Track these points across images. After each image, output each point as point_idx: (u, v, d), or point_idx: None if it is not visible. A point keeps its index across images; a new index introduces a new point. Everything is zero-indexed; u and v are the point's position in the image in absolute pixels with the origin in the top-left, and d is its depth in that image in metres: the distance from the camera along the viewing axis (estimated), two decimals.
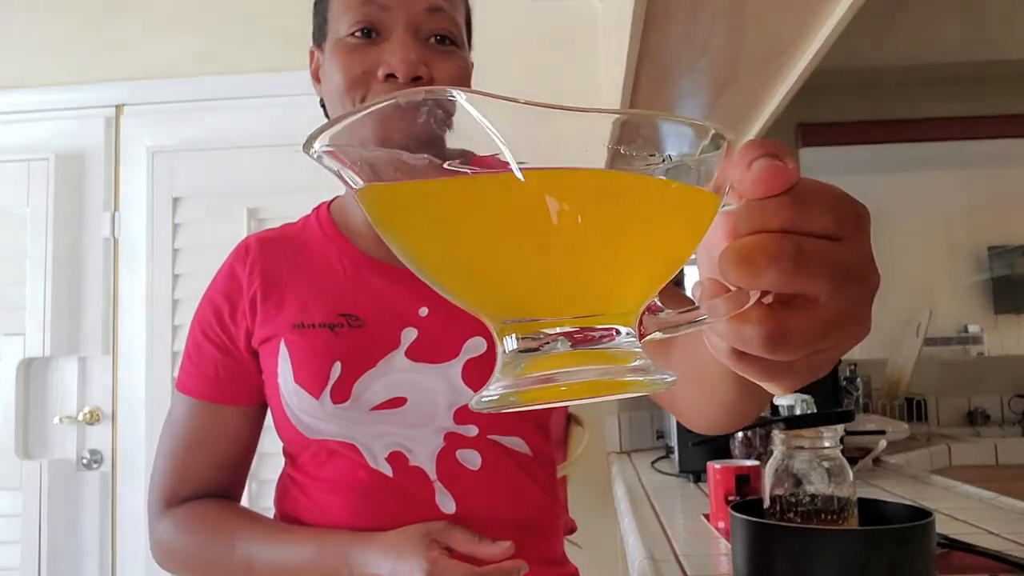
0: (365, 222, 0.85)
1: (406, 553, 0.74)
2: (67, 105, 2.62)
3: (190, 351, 0.87)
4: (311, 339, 0.82)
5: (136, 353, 2.49)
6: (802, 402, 1.38)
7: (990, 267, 3.32)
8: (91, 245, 2.56)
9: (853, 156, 3.16)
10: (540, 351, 0.31)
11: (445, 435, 0.83)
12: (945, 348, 3.24)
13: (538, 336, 0.32)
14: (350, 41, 0.78)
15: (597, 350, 0.32)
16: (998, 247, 3.33)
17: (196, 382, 0.87)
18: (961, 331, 3.29)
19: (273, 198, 2.46)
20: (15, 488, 2.43)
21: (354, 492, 0.82)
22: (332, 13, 0.81)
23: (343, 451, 0.82)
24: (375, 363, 0.80)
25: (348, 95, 0.78)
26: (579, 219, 0.29)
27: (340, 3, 0.80)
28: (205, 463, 0.88)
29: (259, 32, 2.59)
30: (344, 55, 0.78)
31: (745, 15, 1.24)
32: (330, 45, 0.80)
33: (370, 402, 0.80)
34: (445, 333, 0.82)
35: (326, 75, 0.81)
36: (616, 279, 0.32)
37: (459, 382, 0.82)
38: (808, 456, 0.80)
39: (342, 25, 0.79)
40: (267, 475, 2.30)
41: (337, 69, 0.78)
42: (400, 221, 0.33)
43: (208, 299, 0.88)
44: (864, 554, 0.70)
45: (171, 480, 0.87)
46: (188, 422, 0.87)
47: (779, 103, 1.56)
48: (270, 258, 0.87)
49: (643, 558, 1.05)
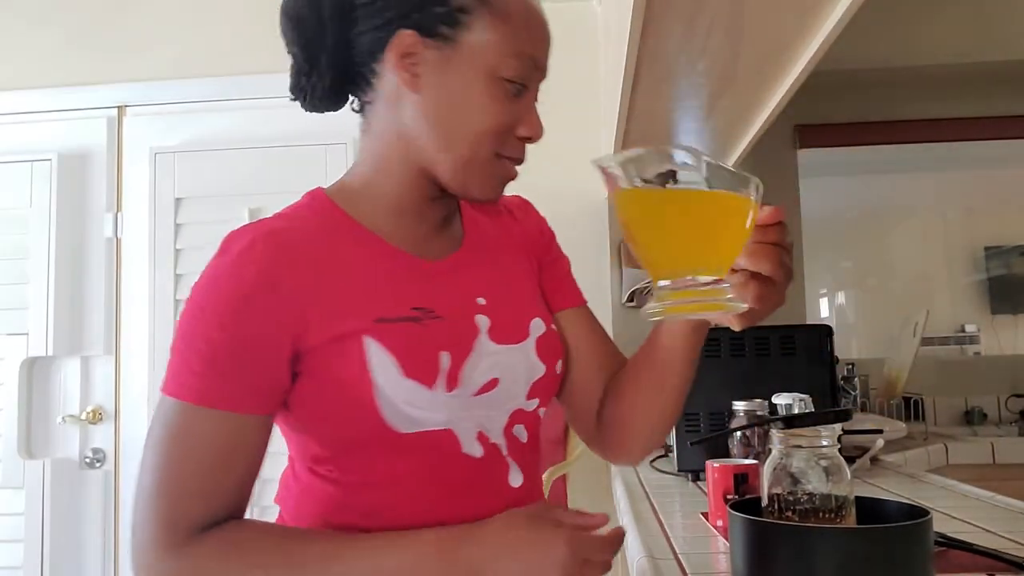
0: (391, 216, 0.83)
1: (532, 542, 0.70)
2: (70, 106, 2.63)
3: (207, 357, 0.73)
4: (405, 332, 0.77)
5: (139, 352, 2.51)
6: (800, 401, 1.39)
7: (987, 267, 3.34)
8: (94, 245, 2.57)
9: (851, 157, 3.17)
10: (683, 288, 0.61)
11: (513, 411, 0.85)
12: (942, 348, 3.25)
13: (683, 280, 0.61)
14: (507, 88, 0.78)
15: (711, 288, 0.62)
16: (994, 247, 3.34)
17: (221, 391, 0.73)
18: (958, 331, 3.31)
19: (275, 198, 2.46)
20: (18, 487, 2.44)
21: (441, 480, 0.80)
22: (482, 32, 0.77)
23: (437, 439, 0.79)
24: (472, 349, 0.80)
25: (488, 141, 0.79)
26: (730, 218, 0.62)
27: (505, 40, 0.78)
28: (233, 482, 0.75)
29: (261, 34, 2.59)
30: (501, 102, 0.78)
31: (744, 17, 1.24)
32: (477, 67, 0.77)
33: (474, 386, 0.80)
34: (510, 317, 0.85)
35: (448, 84, 0.78)
36: (724, 254, 0.64)
37: (535, 358, 0.85)
38: (806, 455, 0.81)
39: (503, 64, 0.77)
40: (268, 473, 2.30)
41: (486, 110, 0.78)
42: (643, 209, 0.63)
43: (230, 297, 0.74)
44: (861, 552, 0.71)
45: (194, 506, 0.73)
46: (213, 438, 0.73)
47: (777, 104, 1.57)
48: (299, 253, 0.77)
49: (642, 556, 1.05)
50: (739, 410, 1.51)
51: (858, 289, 3.51)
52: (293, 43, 0.83)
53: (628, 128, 1.77)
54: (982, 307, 3.33)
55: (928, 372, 3.00)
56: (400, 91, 0.79)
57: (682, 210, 0.61)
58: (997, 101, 2.97)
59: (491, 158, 0.80)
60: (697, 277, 0.61)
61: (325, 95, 0.83)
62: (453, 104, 0.78)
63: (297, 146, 2.50)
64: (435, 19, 0.77)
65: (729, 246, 0.63)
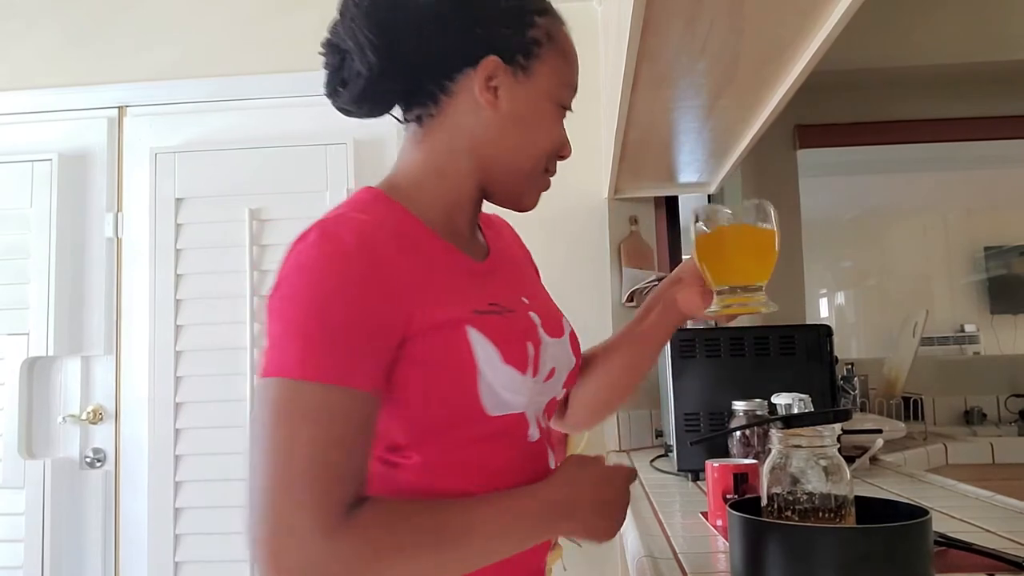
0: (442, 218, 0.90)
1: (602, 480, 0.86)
2: (70, 106, 2.63)
3: (334, 338, 0.73)
4: (495, 323, 0.84)
5: (139, 352, 2.51)
6: (800, 401, 1.39)
7: (986, 267, 3.34)
8: (94, 245, 2.58)
9: (850, 157, 3.18)
10: (735, 293, 0.90)
11: (552, 399, 0.95)
12: (941, 348, 3.26)
13: (736, 287, 0.90)
14: (560, 112, 0.92)
15: (755, 295, 0.89)
16: (994, 247, 3.35)
17: (353, 370, 0.74)
18: (957, 331, 3.31)
19: (275, 198, 2.47)
20: (19, 487, 2.44)
21: (509, 461, 0.88)
22: (552, 68, 0.90)
23: (515, 422, 0.87)
24: (540, 340, 0.90)
25: (544, 158, 0.92)
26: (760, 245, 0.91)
27: (563, 71, 0.91)
28: (366, 460, 0.76)
29: (261, 34, 2.60)
30: (558, 125, 0.92)
31: (744, 17, 1.25)
32: (546, 96, 0.90)
33: (544, 374, 0.90)
34: (549, 314, 0.96)
35: (522, 109, 0.89)
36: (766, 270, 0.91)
37: (571, 351, 0.97)
38: (805, 455, 0.81)
39: (563, 93, 0.92)
40: None
41: (549, 132, 0.91)
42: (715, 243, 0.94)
43: (350, 282, 0.76)
44: (861, 552, 0.71)
45: (345, 485, 0.72)
46: (349, 415, 0.73)
47: (777, 104, 1.57)
48: (400, 244, 0.81)
49: (642, 556, 1.06)
50: (739, 410, 1.51)
51: (858, 289, 3.52)
52: (368, 46, 0.85)
53: (628, 128, 1.77)
54: (981, 307, 3.33)
55: (927, 372, 3.00)
56: (477, 108, 0.87)
57: (731, 241, 0.93)
58: (997, 101, 2.97)
59: (541, 172, 0.93)
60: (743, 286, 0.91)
61: (383, 100, 0.89)
62: (524, 124, 0.89)
63: (297, 146, 2.50)
64: (515, 49, 0.87)
65: (763, 264, 0.91)
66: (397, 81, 0.87)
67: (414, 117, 0.90)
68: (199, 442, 2.41)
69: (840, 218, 3.44)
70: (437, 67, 0.87)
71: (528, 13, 0.89)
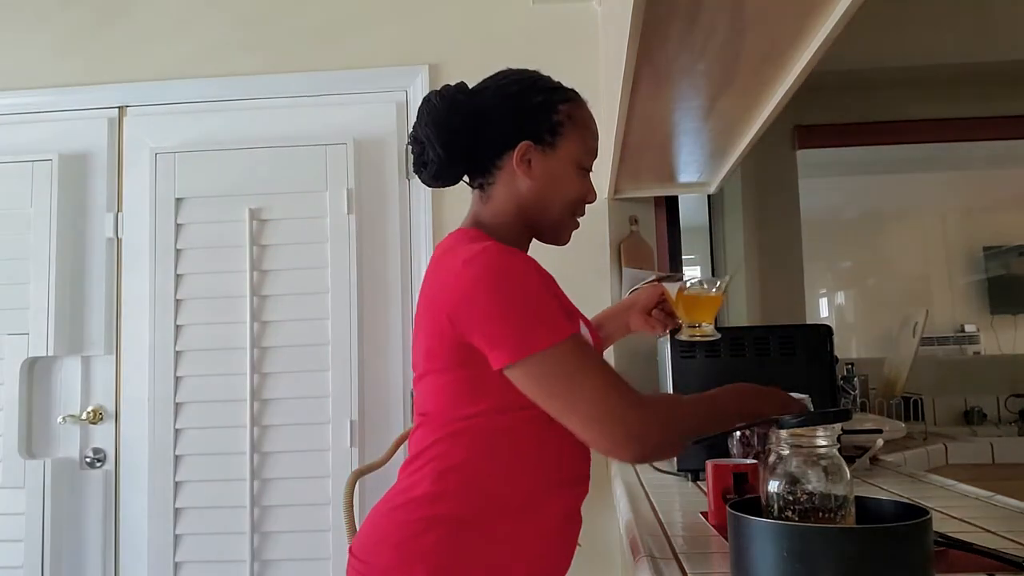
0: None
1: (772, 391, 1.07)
2: (70, 106, 2.64)
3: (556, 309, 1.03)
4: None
5: (139, 352, 2.51)
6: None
7: (985, 267, 3.34)
8: (94, 245, 2.58)
9: (849, 157, 3.18)
10: (696, 328, 1.38)
11: None
12: (941, 348, 3.25)
13: (695, 323, 1.38)
14: (584, 171, 1.21)
15: (705, 328, 1.38)
16: (993, 247, 3.35)
17: (571, 321, 1.05)
18: (957, 331, 3.31)
19: (275, 198, 2.47)
20: (19, 487, 2.44)
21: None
22: (572, 141, 1.19)
23: None
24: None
25: (572, 207, 1.21)
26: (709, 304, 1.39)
27: (583, 142, 1.20)
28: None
29: (261, 34, 2.60)
30: (582, 182, 1.21)
31: (743, 18, 1.24)
32: (568, 161, 1.19)
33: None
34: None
35: (550, 174, 1.18)
36: (708, 316, 1.38)
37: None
38: (805, 455, 0.81)
39: (583, 158, 1.20)
40: (268, 474, 2.31)
41: (574, 189, 1.20)
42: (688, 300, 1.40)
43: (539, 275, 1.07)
44: (861, 552, 0.71)
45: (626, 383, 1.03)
46: (590, 347, 1.06)
47: (777, 104, 1.57)
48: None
49: (642, 556, 1.06)
50: None
51: (858, 289, 3.52)
52: (436, 142, 1.16)
53: (628, 128, 1.77)
54: (981, 307, 3.33)
55: (928, 372, 3.01)
56: (517, 176, 1.18)
57: (695, 300, 1.37)
58: (997, 101, 2.97)
59: (571, 217, 1.23)
60: (700, 324, 1.37)
61: (452, 177, 1.21)
62: (554, 186, 1.19)
63: (297, 146, 2.50)
64: (543, 132, 1.17)
65: (710, 313, 1.37)
66: (459, 166, 1.19)
67: (477, 185, 1.22)
68: (199, 442, 2.41)
69: (840, 218, 3.44)
70: (487, 153, 1.18)
71: (553, 103, 1.18)
